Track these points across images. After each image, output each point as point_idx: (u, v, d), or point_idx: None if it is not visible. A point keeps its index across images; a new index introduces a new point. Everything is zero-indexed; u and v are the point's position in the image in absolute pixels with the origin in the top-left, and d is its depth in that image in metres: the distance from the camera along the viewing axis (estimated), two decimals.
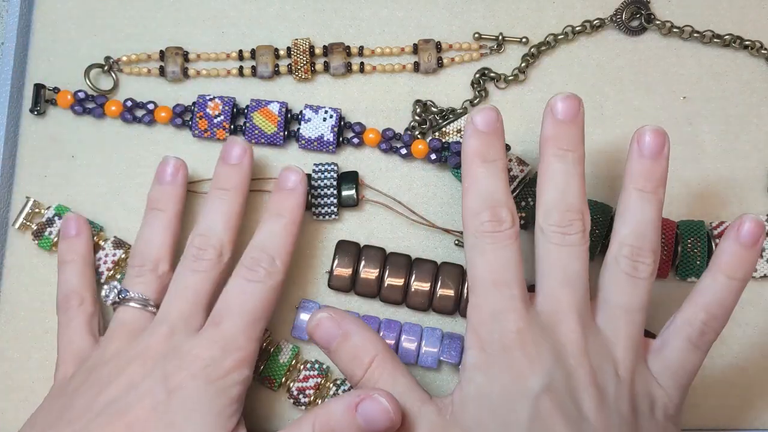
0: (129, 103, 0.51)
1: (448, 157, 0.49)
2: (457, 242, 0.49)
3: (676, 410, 0.41)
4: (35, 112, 0.51)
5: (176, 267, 0.45)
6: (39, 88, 0.51)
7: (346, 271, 0.48)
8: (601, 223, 0.47)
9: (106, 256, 0.48)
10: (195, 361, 0.41)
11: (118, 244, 0.49)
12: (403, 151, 0.50)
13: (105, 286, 0.45)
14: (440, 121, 0.50)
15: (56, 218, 0.49)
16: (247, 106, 0.50)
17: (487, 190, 0.41)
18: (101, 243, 0.49)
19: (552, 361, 0.39)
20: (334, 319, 0.42)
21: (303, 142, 0.50)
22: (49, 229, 0.49)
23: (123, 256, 0.48)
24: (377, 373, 0.41)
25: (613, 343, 0.41)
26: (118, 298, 0.44)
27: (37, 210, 0.50)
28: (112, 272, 0.48)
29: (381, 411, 0.39)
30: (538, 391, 0.38)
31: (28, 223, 0.49)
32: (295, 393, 0.46)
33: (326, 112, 0.50)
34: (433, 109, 0.51)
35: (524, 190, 0.48)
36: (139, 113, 0.51)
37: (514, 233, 0.41)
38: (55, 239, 0.49)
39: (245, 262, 0.44)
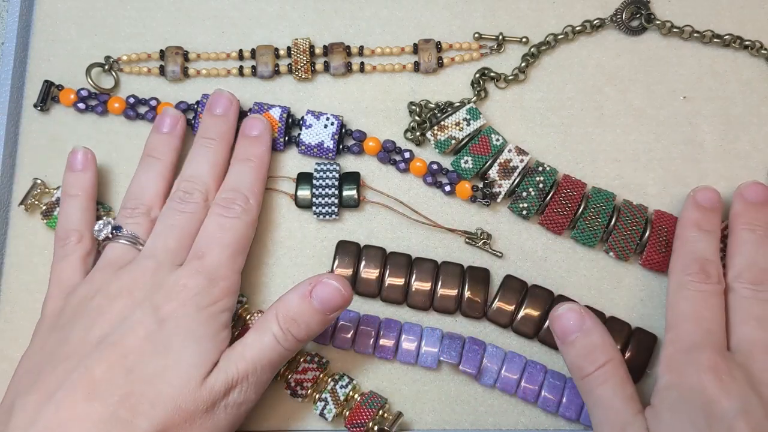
0: (132, 100, 0.51)
1: (443, 184, 0.49)
2: (467, 241, 0.49)
3: None
4: (39, 108, 0.51)
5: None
6: (49, 85, 0.51)
7: (347, 271, 0.48)
8: (603, 211, 0.48)
9: None
10: (183, 291, 0.42)
11: None
12: (402, 165, 0.50)
13: (99, 222, 0.46)
14: (439, 115, 0.50)
15: None
16: (250, 109, 0.50)
17: (699, 251, 0.45)
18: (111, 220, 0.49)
19: (747, 389, 0.40)
20: (579, 313, 0.44)
21: (303, 147, 0.50)
22: (58, 209, 0.49)
23: None
24: (608, 375, 0.42)
25: None
26: (111, 233, 0.45)
27: (46, 190, 0.50)
28: None
29: (333, 291, 0.42)
30: (734, 414, 0.39)
31: (36, 203, 0.50)
32: (293, 384, 0.46)
33: (328, 119, 0.50)
34: (431, 105, 0.51)
35: (526, 180, 0.48)
36: (142, 110, 0.51)
37: (720, 289, 0.44)
38: None
39: (220, 201, 0.46)
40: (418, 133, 0.50)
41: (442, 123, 0.49)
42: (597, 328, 0.43)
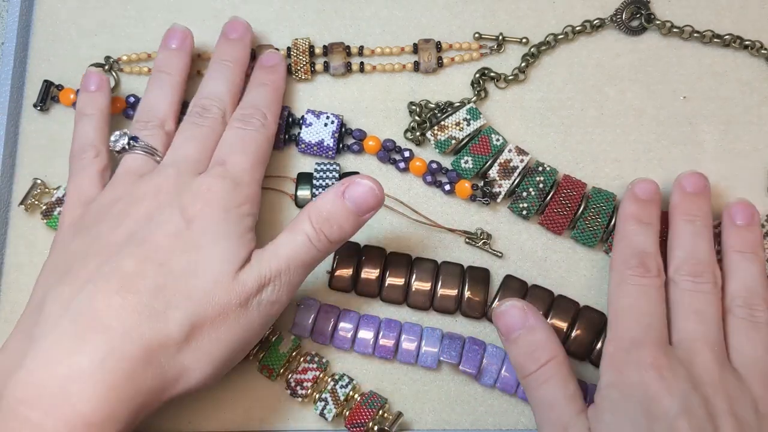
0: (132, 99, 0.51)
1: (445, 184, 0.49)
2: (467, 241, 0.49)
3: None
4: (39, 108, 0.51)
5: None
6: (48, 84, 0.51)
7: (347, 272, 0.48)
8: (603, 211, 0.48)
9: None
10: (208, 192, 0.42)
11: None
12: (402, 165, 0.50)
13: (115, 132, 0.46)
14: (439, 115, 0.50)
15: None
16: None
17: (639, 244, 0.45)
18: None
19: (688, 387, 0.40)
20: (522, 309, 0.43)
21: (303, 146, 0.50)
22: (58, 209, 0.49)
23: None
24: (550, 374, 0.42)
25: (749, 382, 0.41)
26: (128, 144, 0.45)
27: (46, 190, 0.50)
28: None
29: (366, 191, 0.42)
30: (675, 413, 0.39)
31: (36, 203, 0.50)
32: (293, 384, 0.46)
33: (328, 117, 0.50)
34: (431, 105, 0.51)
35: (526, 180, 0.48)
36: None
37: (660, 283, 0.44)
38: None
39: (238, 116, 0.46)
40: (418, 133, 0.50)
41: (442, 123, 0.49)
42: (540, 325, 0.43)
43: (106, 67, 0.52)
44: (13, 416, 0.36)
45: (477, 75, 0.51)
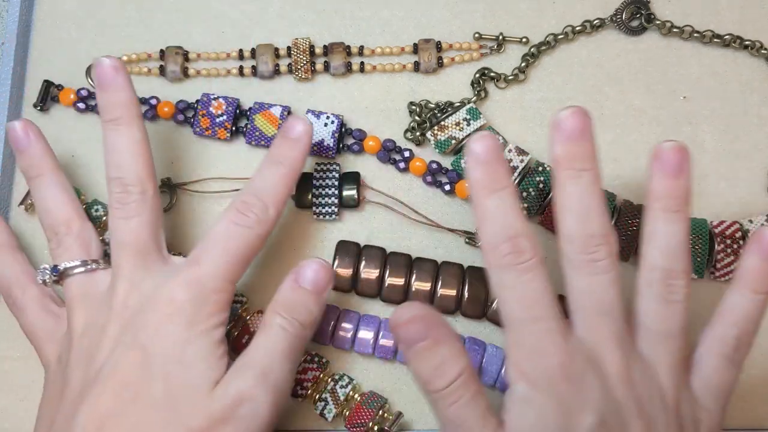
0: None
1: (444, 182, 0.49)
2: (467, 241, 0.49)
3: (718, 428, 0.40)
4: (39, 108, 0.51)
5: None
6: (48, 85, 0.51)
7: (347, 272, 0.48)
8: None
9: None
10: (170, 306, 0.40)
11: None
12: (402, 165, 0.50)
13: (37, 271, 0.44)
14: (439, 115, 0.50)
15: None
16: (250, 108, 0.50)
17: (502, 221, 0.39)
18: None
19: (600, 395, 0.38)
20: (424, 320, 0.38)
21: None
22: None
23: None
24: (460, 392, 0.38)
25: (656, 370, 0.39)
26: (54, 277, 0.43)
27: None
28: None
29: (317, 270, 0.42)
30: (591, 428, 0.37)
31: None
32: (293, 384, 0.46)
33: (328, 117, 0.50)
34: (431, 105, 0.51)
35: (526, 180, 0.48)
36: (142, 109, 0.51)
37: (538, 262, 0.39)
38: None
39: (237, 204, 0.42)
40: (418, 133, 0.50)
41: (442, 123, 0.49)
42: (446, 337, 0.38)
43: None
44: None
45: (477, 75, 0.51)
